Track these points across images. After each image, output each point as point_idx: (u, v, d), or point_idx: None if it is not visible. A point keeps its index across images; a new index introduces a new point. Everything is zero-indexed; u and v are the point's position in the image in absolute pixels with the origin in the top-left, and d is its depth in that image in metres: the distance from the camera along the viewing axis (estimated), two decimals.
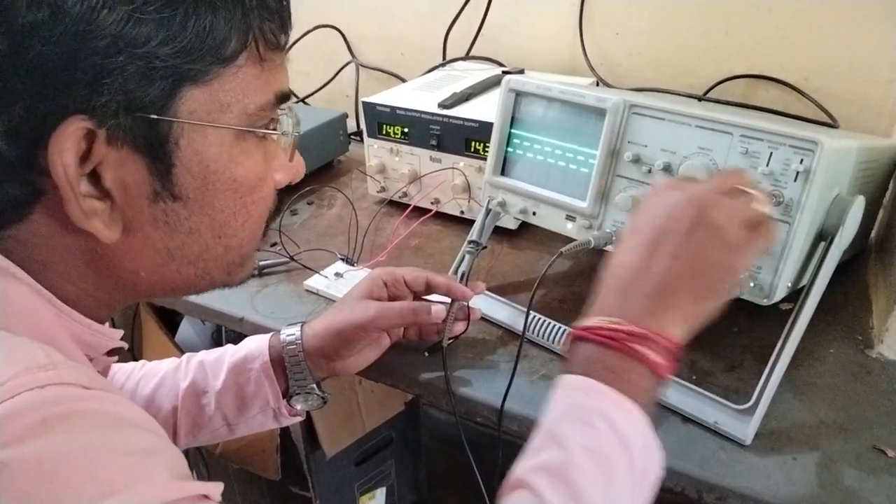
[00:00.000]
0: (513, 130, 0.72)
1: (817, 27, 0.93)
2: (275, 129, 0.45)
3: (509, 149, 0.73)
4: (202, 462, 1.20)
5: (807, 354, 0.68)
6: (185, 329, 1.23)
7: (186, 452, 1.02)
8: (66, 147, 0.37)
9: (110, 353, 0.49)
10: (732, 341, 0.71)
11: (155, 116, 0.38)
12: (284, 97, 0.45)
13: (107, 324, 0.48)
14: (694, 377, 0.66)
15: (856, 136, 0.83)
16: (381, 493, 1.24)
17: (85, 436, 0.34)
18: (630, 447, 0.41)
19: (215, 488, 0.38)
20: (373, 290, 0.66)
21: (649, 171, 0.62)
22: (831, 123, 0.92)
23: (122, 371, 0.69)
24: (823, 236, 0.60)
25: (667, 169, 0.61)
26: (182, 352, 1.19)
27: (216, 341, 1.19)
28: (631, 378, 0.43)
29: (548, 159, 0.70)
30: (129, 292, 0.46)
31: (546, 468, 0.41)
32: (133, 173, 0.40)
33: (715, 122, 0.58)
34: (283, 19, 0.44)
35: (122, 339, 0.49)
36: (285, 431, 1.04)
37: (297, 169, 0.50)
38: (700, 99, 0.97)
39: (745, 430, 0.58)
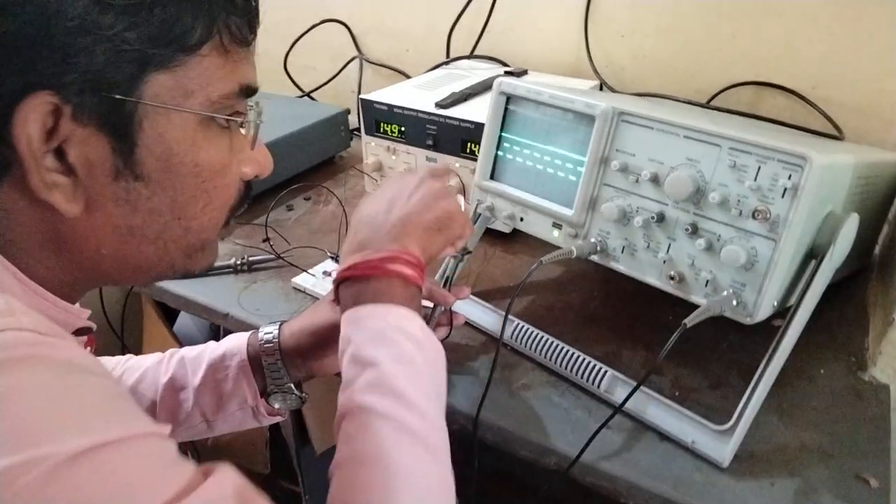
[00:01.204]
0: (503, 134, 0.71)
1: (828, 35, 0.91)
2: (232, 121, 0.47)
3: (499, 152, 0.72)
4: (195, 453, 1.20)
5: (796, 374, 0.66)
6: (184, 321, 1.24)
7: (181, 445, 1.02)
8: (30, 119, 0.38)
9: (79, 332, 0.49)
10: (720, 357, 0.69)
11: (120, 97, 0.40)
12: (250, 90, 0.47)
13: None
14: (677, 393, 0.64)
15: (859, 149, 0.80)
16: None
17: (41, 376, 0.34)
18: (421, 344, 0.51)
19: (166, 428, 0.38)
20: None
21: (637, 181, 0.61)
22: (836, 135, 0.89)
23: (108, 363, 0.69)
24: (814, 254, 0.58)
25: (654, 179, 0.59)
26: (181, 343, 1.19)
27: (214, 333, 1.20)
28: (396, 292, 0.52)
29: (537, 165, 0.69)
30: (93, 272, 0.47)
31: (369, 386, 0.47)
32: (97, 151, 0.41)
33: (703, 134, 0.56)
34: (249, 16, 0.45)
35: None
36: (275, 426, 1.04)
37: (263, 163, 0.52)
38: (703, 106, 0.95)
39: (723, 451, 0.56)
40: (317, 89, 1.36)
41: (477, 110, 0.89)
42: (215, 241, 0.51)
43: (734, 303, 0.55)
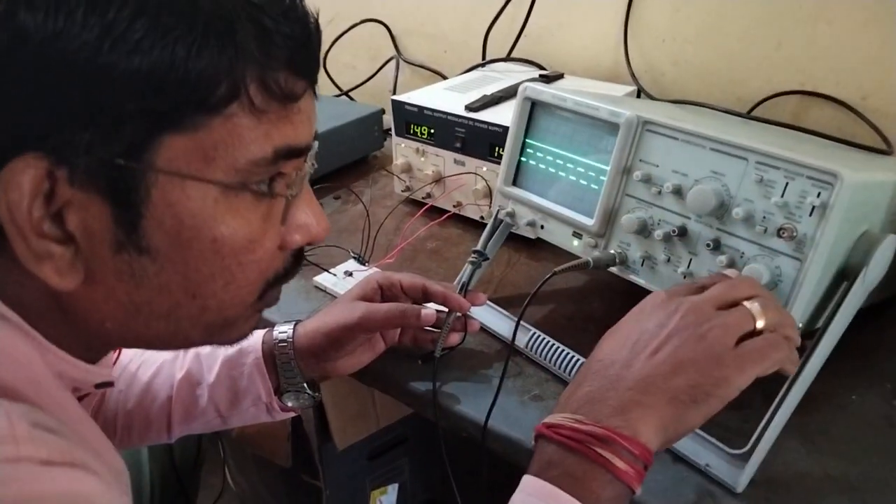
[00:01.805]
0: (527, 140, 0.70)
1: (880, 43, 0.86)
2: (271, 187, 0.39)
3: (522, 158, 0.71)
4: (221, 443, 1.23)
5: (825, 399, 0.63)
6: None
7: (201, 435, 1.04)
8: (13, 184, 0.33)
9: (101, 385, 0.47)
10: None
11: (122, 162, 0.34)
12: (291, 152, 0.39)
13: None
14: None
15: None
16: (393, 489, 1.24)
17: None
18: None
19: None
20: (366, 293, 0.65)
21: (659, 193, 0.59)
22: (885, 150, 0.85)
23: (126, 355, 0.71)
24: (846, 276, 0.56)
25: (677, 192, 0.57)
26: None
27: None
28: (593, 487, 0.40)
29: (559, 172, 0.67)
30: (103, 340, 0.44)
31: None
32: (97, 219, 0.36)
33: (729, 146, 0.54)
34: (297, 68, 0.38)
35: None
36: (298, 421, 1.05)
37: (316, 229, 0.44)
38: (744, 116, 0.91)
39: (738, 476, 0.54)
40: (354, 88, 1.37)
41: (506, 114, 0.88)
42: (247, 316, 0.45)
43: None
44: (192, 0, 0.34)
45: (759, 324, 0.45)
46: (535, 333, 0.68)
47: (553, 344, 0.67)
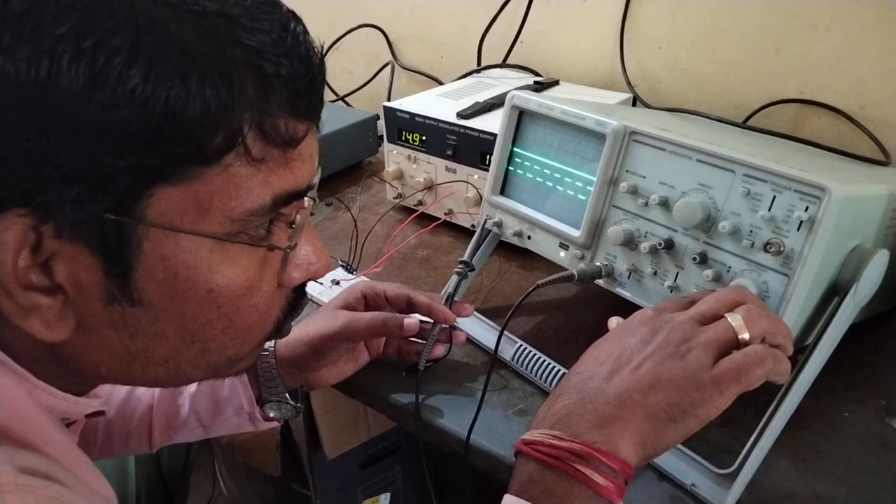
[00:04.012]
0: (515, 149, 0.69)
1: (878, 51, 0.85)
2: (269, 230, 0.38)
3: (510, 167, 0.70)
4: (213, 449, 1.22)
5: (816, 416, 0.62)
6: None
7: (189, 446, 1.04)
8: None
9: (91, 415, 0.46)
10: None
11: (112, 217, 0.33)
12: (292, 196, 0.38)
13: None
14: None
15: None
16: (385, 498, 1.23)
17: None
18: None
19: None
20: (349, 302, 0.64)
21: (646, 205, 0.57)
22: (883, 161, 0.83)
23: None
24: (837, 291, 0.54)
25: (663, 204, 0.56)
26: None
27: None
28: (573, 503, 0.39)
29: (547, 182, 0.66)
30: (97, 381, 0.44)
31: None
32: (87, 271, 0.34)
33: (717, 158, 0.53)
34: (299, 112, 0.36)
35: None
36: (287, 429, 1.04)
37: (316, 265, 0.43)
38: (739, 126, 0.90)
39: (724, 497, 0.52)
40: (350, 94, 1.36)
41: (498, 122, 0.87)
42: (252, 351, 0.44)
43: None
44: (186, 48, 0.32)
45: (744, 336, 0.44)
46: (521, 346, 0.67)
47: (539, 357, 0.65)
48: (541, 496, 0.40)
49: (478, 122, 0.87)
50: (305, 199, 0.40)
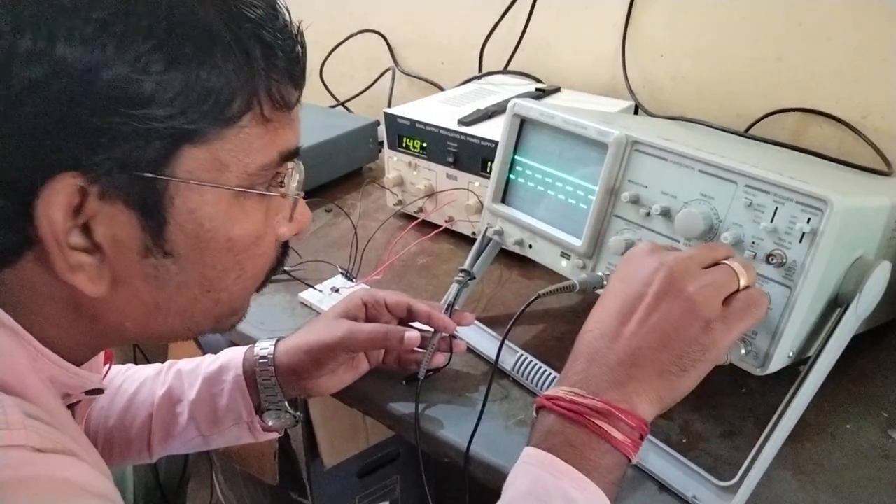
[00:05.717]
0: (516, 157, 0.69)
1: (880, 61, 0.85)
2: (278, 187, 0.44)
3: (511, 175, 0.69)
4: (211, 457, 1.21)
5: (818, 428, 0.61)
6: None
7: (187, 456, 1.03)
8: (53, 202, 0.36)
9: (91, 391, 0.49)
10: (735, 403, 0.65)
11: (150, 175, 0.38)
12: (290, 154, 0.44)
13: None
14: (684, 440, 0.60)
15: None
16: None
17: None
18: None
19: None
20: (349, 310, 0.64)
21: (647, 215, 0.57)
22: (885, 171, 0.83)
23: (113, 371, 0.69)
24: (839, 302, 0.54)
25: (665, 213, 0.56)
26: (204, 351, 1.21)
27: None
28: (592, 456, 0.42)
29: (548, 191, 0.66)
30: (114, 338, 0.46)
31: None
32: (125, 228, 0.39)
33: (719, 168, 0.53)
34: (294, 79, 0.43)
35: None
36: (285, 437, 1.04)
37: (301, 221, 0.49)
38: (740, 135, 0.90)
39: None
40: (351, 99, 1.36)
41: (499, 129, 0.87)
42: (247, 304, 0.50)
43: (742, 351, 0.51)
44: (210, 25, 0.37)
45: (742, 282, 0.46)
46: (521, 355, 0.66)
47: (539, 367, 0.65)
48: (560, 446, 0.42)
49: (479, 130, 0.87)
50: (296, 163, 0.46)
